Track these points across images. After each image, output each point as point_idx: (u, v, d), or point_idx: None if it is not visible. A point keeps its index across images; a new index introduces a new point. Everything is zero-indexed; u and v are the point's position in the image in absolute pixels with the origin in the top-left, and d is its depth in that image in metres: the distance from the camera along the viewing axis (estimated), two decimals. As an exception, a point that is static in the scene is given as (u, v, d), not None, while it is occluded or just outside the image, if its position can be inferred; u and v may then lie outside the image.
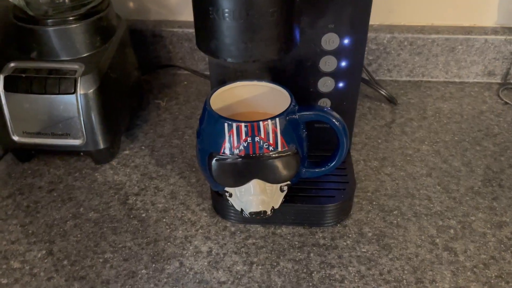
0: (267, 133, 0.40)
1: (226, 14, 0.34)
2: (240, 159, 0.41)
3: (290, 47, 0.38)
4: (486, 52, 0.70)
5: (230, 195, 0.44)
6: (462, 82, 0.73)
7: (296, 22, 0.38)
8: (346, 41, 0.45)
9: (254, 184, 0.42)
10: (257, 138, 0.40)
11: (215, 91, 0.45)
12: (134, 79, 0.64)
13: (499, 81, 0.72)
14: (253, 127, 0.40)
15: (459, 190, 0.53)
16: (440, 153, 0.59)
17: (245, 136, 0.40)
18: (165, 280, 0.43)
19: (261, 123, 0.40)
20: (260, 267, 0.44)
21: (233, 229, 0.48)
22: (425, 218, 0.49)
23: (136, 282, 0.43)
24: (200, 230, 0.48)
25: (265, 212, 0.43)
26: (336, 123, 0.42)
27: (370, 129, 0.63)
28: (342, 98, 0.49)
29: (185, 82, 0.74)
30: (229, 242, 0.47)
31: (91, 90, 0.52)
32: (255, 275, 0.43)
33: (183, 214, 0.50)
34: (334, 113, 0.42)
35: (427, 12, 0.71)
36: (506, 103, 0.68)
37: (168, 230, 0.48)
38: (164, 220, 0.49)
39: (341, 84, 0.48)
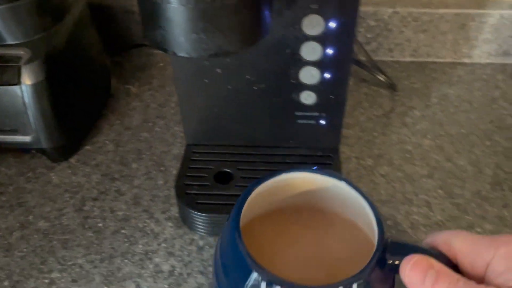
0: None
1: (170, -3, 0.27)
2: None
3: (257, 37, 0.31)
4: (501, 29, 0.61)
5: None
6: (473, 63, 0.65)
7: (266, 4, 0.30)
8: (332, 24, 0.37)
9: None
10: None
11: (249, 194, 0.29)
12: (98, 64, 0.57)
13: (514, 62, 0.64)
14: None
15: (464, 195, 0.46)
16: (444, 149, 0.51)
17: None
18: (117, 307, 0.37)
19: None
20: (228, 291, 0.38)
21: (201, 243, 0.42)
22: (423, 229, 0.43)
23: (84, 309, 0.37)
24: (163, 244, 0.42)
25: None
26: None
27: (366, 120, 0.56)
28: (329, 91, 0.42)
29: (161, 64, 0.66)
30: (195, 259, 0.41)
31: (38, 80, 0.45)
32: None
33: (145, 224, 0.44)
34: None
35: (435, -17, 0.62)
36: (522, 88, 0.60)
37: (127, 244, 0.42)
38: (123, 231, 0.43)
39: (327, 75, 0.41)
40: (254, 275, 0.24)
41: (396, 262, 0.25)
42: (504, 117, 0.55)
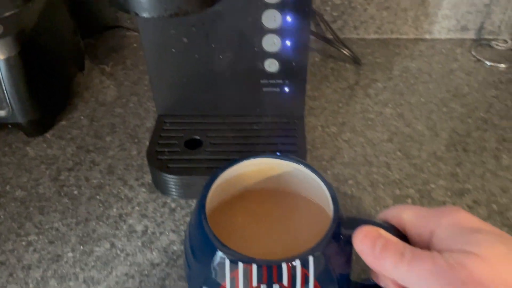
0: (292, 279, 0.26)
1: (129, -42, 0.29)
2: None
3: (215, -2, 0.33)
4: (459, 5, 0.65)
5: None
6: (433, 39, 0.68)
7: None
8: (289, -9, 0.40)
9: None
10: (275, 286, 0.26)
11: (216, 177, 0.30)
12: (71, 43, 0.58)
13: (472, 36, 0.68)
14: (271, 271, 0.25)
15: (420, 156, 0.49)
16: (404, 116, 0.54)
17: (257, 282, 0.26)
18: (92, 263, 0.39)
19: (284, 265, 0.25)
20: (199, 246, 0.40)
21: (173, 205, 0.44)
22: (382, 187, 0.46)
23: (61, 266, 0.39)
24: (136, 208, 0.44)
25: None
26: None
27: (331, 92, 0.59)
28: (291, 58, 0.44)
29: (135, 45, 0.68)
30: (167, 219, 0.43)
31: (11, 55, 0.46)
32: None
33: (119, 190, 0.46)
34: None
35: (395, -38, 0.65)
36: (478, 60, 0.63)
37: (101, 209, 0.44)
38: (98, 197, 0.45)
39: (288, 42, 0.43)
40: (219, 254, 0.26)
41: (351, 235, 0.26)
42: (460, 86, 0.59)
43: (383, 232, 0.25)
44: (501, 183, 0.46)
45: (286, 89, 0.47)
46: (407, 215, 0.26)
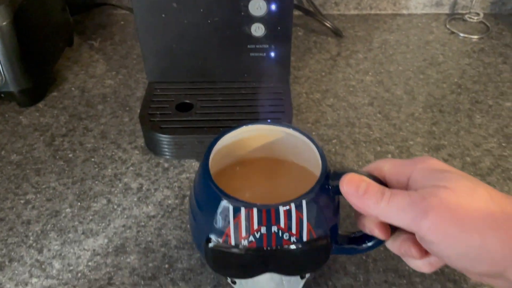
0: (288, 221, 0.29)
1: None
2: (249, 252, 0.30)
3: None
4: (433, -19, 0.68)
5: (234, 282, 0.35)
6: (410, 14, 0.71)
7: None
8: (273, -44, 0.42)
9: (267, 278, 0.33)
10: (274, 228, 0.29)
11: (217, 140, 0.33)
12: (60, 18, 0.59)
13: (447, 11, 0.71)
14: (270, 214, 0.29)
15: (399, 117, 0.52)
16: (384, 83, 0.57)
17: (258, 225, 0.29)
18: (90, 217, 0.41)
19: (280, 209, 0.29)
20: (192, 200, 0.42)
21: (166, 165, 0.46)
22: (364, 145, 0.48)
23: (60, 221, 0.41)
24: (131, 168, 0.46)
25: None
26: None
27: (315, 63, 0.61)
28: (276, 22, 0.47)
29: (122, 22, 0.69)
30: (161, 177, 0.45)
31: (4, 23, 0.47)
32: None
33: (113, 153, 0.47)
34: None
35: None
36: (452, 32, 0.67)
37: (97, 169, 0.46)
38: (92, 159, 0.47)
39: (273, 6, 0.45)
40: (223, 203, 0.29)
41: (337, 185, 0.29)
42: (436, 55, 0.62)
43: (365, 177, 0.28)
44: (474, 139, 0.49)
45: (272, 54, 0.49)
46: (387, 166, 0.30)
